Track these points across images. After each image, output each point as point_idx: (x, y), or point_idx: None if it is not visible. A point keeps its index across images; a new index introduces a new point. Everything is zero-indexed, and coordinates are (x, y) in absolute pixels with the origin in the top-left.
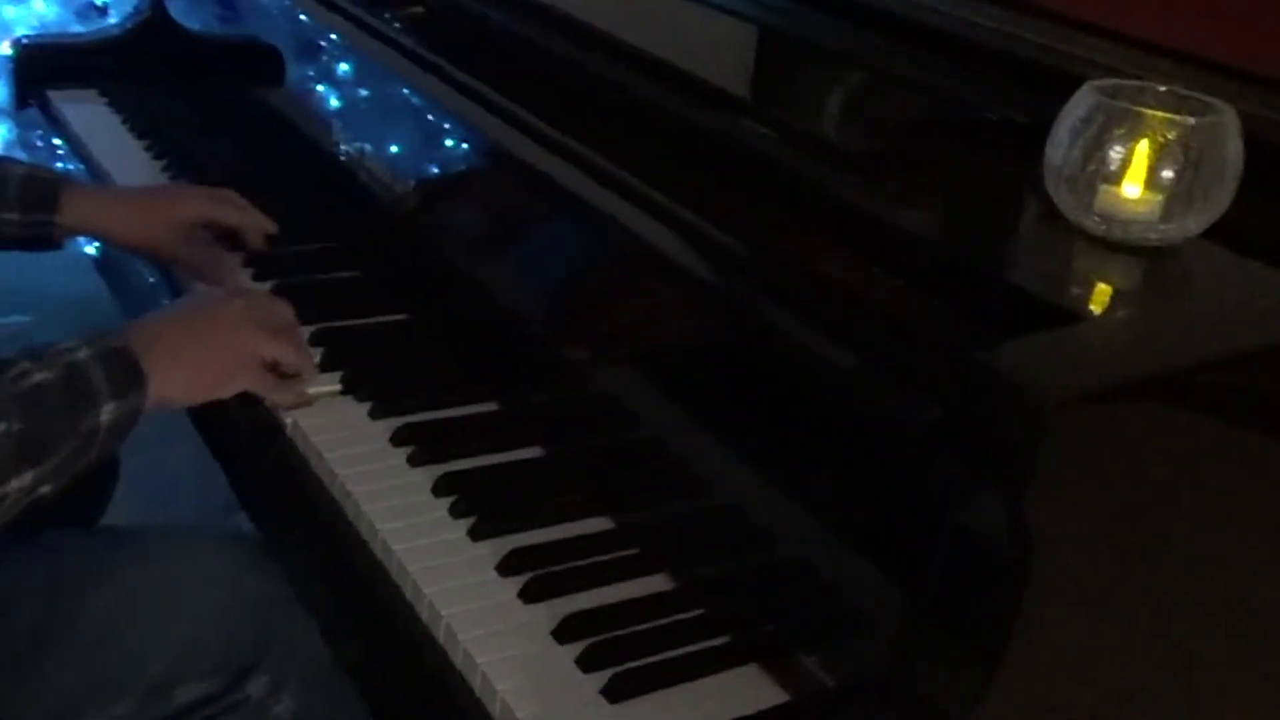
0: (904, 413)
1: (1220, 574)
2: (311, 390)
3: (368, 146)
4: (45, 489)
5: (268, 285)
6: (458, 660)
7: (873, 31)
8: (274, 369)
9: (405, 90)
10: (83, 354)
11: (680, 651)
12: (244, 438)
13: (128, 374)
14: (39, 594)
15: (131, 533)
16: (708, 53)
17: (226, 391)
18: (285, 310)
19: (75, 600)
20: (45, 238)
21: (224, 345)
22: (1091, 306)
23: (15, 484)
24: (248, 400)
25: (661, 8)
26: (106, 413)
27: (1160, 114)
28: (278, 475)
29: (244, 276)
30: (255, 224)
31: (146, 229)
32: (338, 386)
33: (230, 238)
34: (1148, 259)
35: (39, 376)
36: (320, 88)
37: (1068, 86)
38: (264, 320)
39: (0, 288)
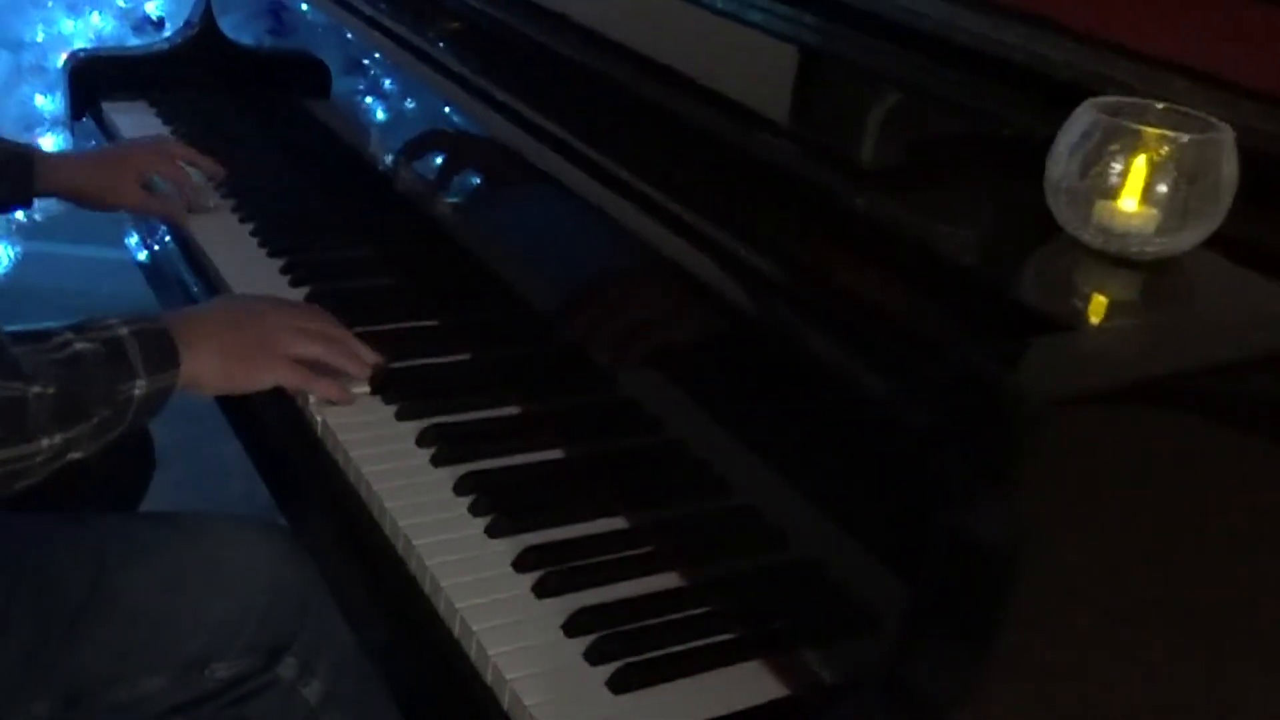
0: (905, 415)
1: (1213, 577)
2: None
3: (403, 157)
4: (76, 454)
5: (303, 291)
6: (471, 652)
7: (893, 44)
8: (314, 366)
9: (442, 105)
10: (123, 330)
11: (685, 646)
12: (277, 438)
13: (163, 353)
14: (84, 569)
15: (175, 516)
16: (740, 71)
17: (255, 384)
18: (326, 318)
19: (118, 577)
20: (23, 201)
21: (258, 340)
22: (1085, 315)
23: (45, 442)
24: (279, 400)
25: (685, 22)
26: (140, 387)
27: (1154, 131)
28: (309, 472)
29: (280, 282)
30: (197, 164)
31: (102, 188)
32: (366, 388)
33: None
34: (1144, 271)
35: (80, 346)
36: (359, 100)
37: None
38: (302, 323)
39: (49, 294)
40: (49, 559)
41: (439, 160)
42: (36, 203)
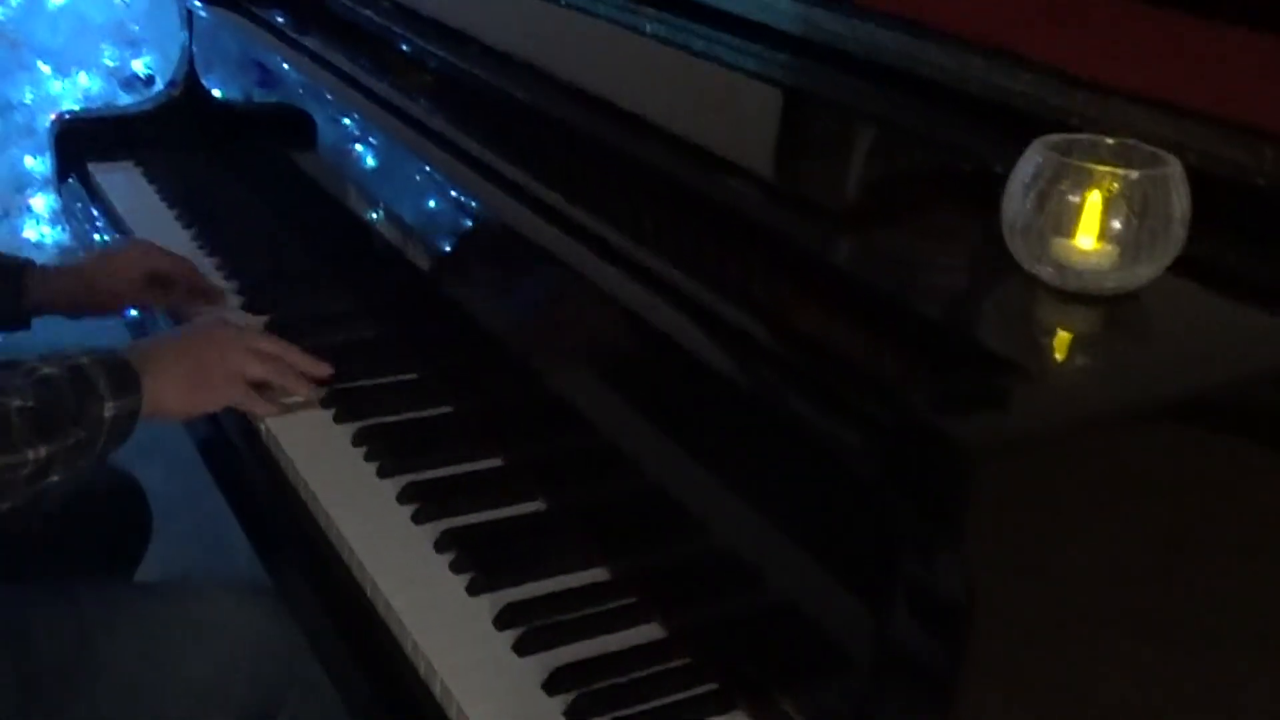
0: (862, 465)
1: (1176, 615)
2: (287, 401)
3: (384, 213)
4: (55, 475)
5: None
6: (452, 713)
7: (856, 78)
8: (262, 387)
9: (420, 163)
10: (84, 359)
11: (668, 700)
12: (260, 498)
13: (124, 378)
14: (67, 636)
15: (160, 583)
16: (702, 111)
17: (214, 405)
18: (271, 338)
19: (103, 643)
20: (16, 318)
21: (213, 363)
22: (1041, 355)
23: (31, 454)
24: (265, 463)
25: (652, 66)
26: (109, 409)
27: (1103, 168)
28: (290, 532)
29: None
30: (180, 270)
31: (94, 299)
32: (317, 406)
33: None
34: (1102, 306)
35: (47, 370)
36: (342, 153)
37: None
38: (252, 344)
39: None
40: (32, 627)
41: (417, 215)
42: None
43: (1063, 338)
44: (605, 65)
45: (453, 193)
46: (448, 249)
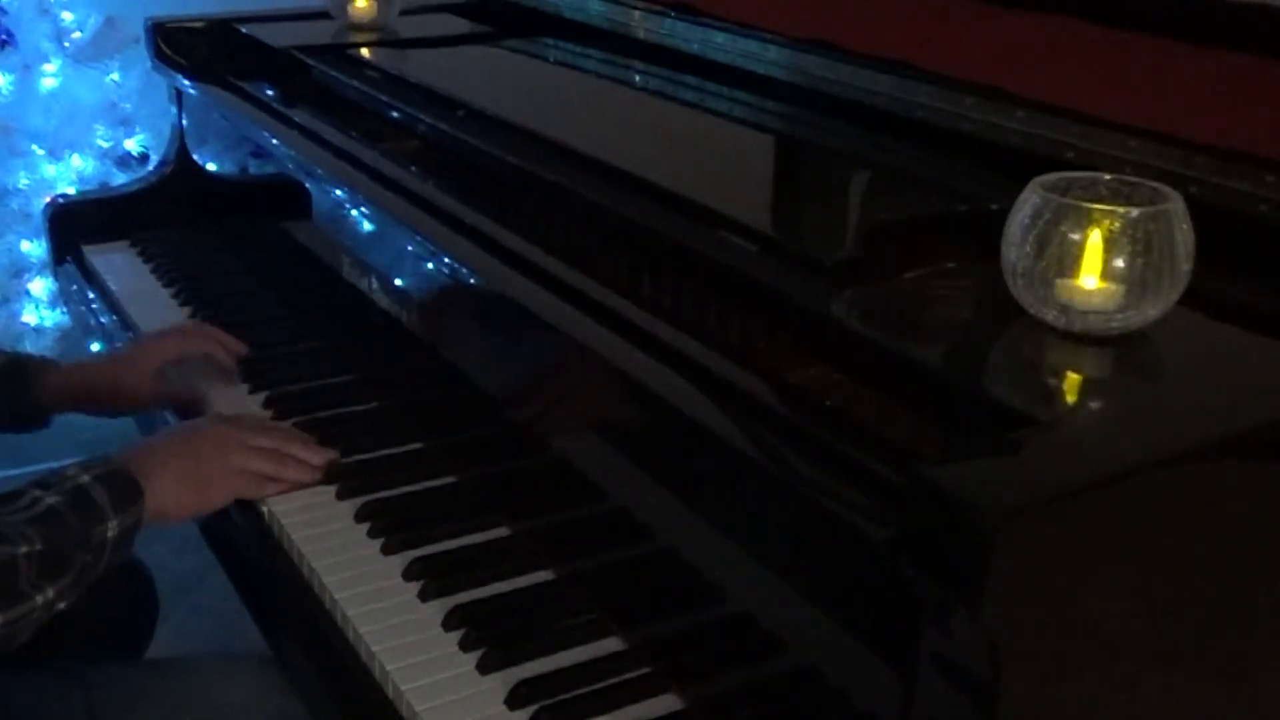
0: (871, 529)
1: (1196, 664)
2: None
3: (380, 283)
4: (61, 604)
5: (289, 423)
6: None
7: (848, 123)
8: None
9: (412, 233)
10: (85, 478)
11: None
12: (265, 579)
13: (126, 490)
14: None
15: (168, 660)
16: (695, 166)
17: (215, 503)
18: (272, 429)
19: None
20: (32, 419)
21: (211, 463)
22: (1044, 404)
23: (40, 599)
24: (267, 543)
25: (645, 120)
26: (112, 528)
27: (1102, 206)
28: (294, 612)
29: (264, 415)
30: (222, 344)
31: (116, 397)
32: (322, 487)
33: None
34: (1110, 348)
35: (50, 501)
36: (332, 227)
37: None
38: (250, 440)
39: (62, 428)
40: (42, 714)
41: (417, 284)
42: (30, 347)
43: (1072, 383)
44: (597, 122)
45: (448, 261)
46: (446, 318)
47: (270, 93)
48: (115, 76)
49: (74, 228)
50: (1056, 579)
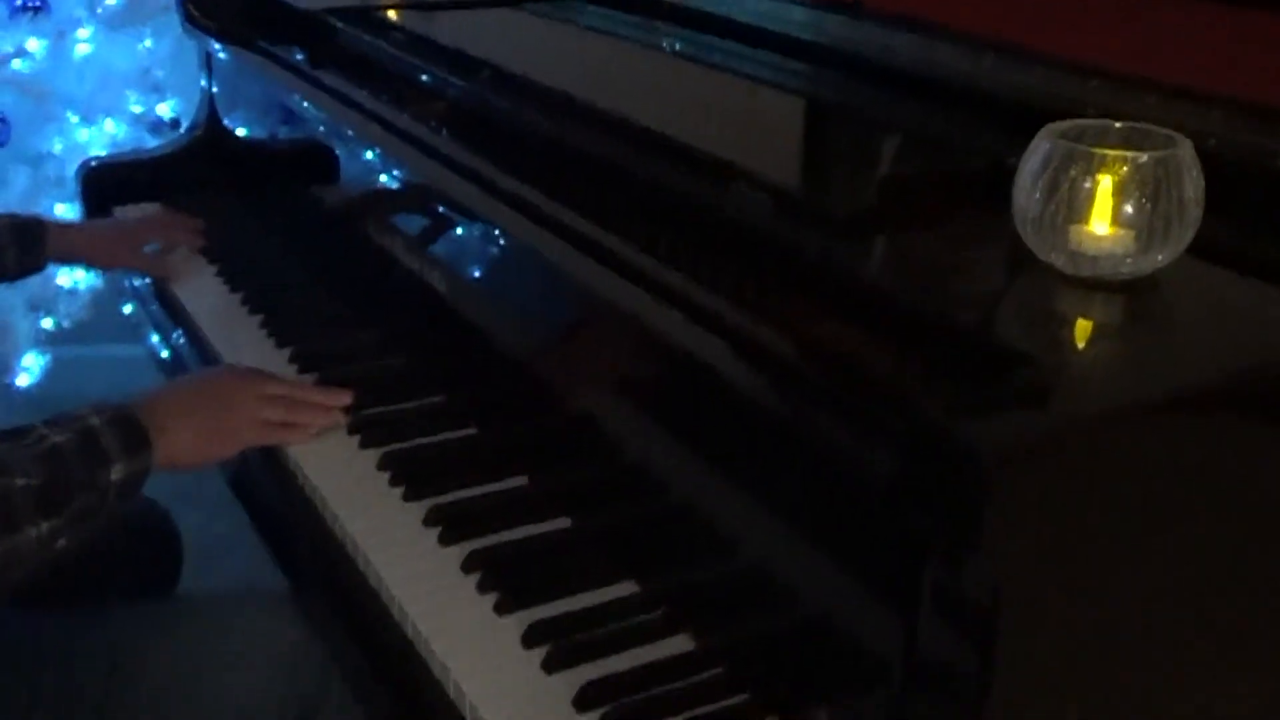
0: (878, 471)
1: (1205, 607)
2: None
3: (407, 241)
4: (61, 542)
5: (312, 377)
6: None
7: (868, 82)
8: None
9: (440, 192)
10: (95, 420)
11: (699, 712)
12: (288, 525)
13: (135, 437)
14: (100, 661)
15: (188, 599)
16: (718, 124)
17: (228, 452)
18: (282, 379)
19: (134, 663)
20: (36, 268)
21: (225, 411)
22: (1051, 347)
23: (33, 532)
24: (290, 491)
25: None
26: (116, 471)
27: (1112, 152)
28: (317, 556)
29: (289, 370)
30: (186, 232)
31: (111, 255)
32: (343, 431)
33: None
34: (1118, 294)
35: (56, 439)
36: (361, 189)
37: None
38: (265, 390)
39: (82, 399)
40: (66, 652)
41: (444, 241)
42: (63, 309)
43: (1081, 328)
44: (626, 85)
45: (474, 219)
46: (471, 276)
47: (299, 56)
48: (148, 43)
49: (106, 190)
50: (1058, 519)
